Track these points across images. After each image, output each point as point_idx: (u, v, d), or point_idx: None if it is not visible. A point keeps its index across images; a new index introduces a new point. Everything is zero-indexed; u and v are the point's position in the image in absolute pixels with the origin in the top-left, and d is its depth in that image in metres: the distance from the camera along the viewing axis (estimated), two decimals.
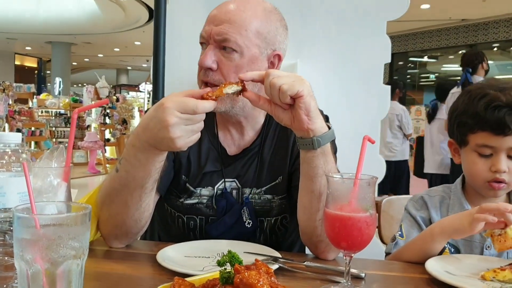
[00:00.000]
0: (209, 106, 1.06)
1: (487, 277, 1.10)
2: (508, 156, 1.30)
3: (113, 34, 17.83)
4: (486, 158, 1.32)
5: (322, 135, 1.15)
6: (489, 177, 1.31)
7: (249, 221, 1.38)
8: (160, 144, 1.08)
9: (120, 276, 1.08)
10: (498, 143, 1.29)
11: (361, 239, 0.98)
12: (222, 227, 1.37)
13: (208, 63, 1.28)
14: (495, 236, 1.19)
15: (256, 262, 0.88)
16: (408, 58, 17.94)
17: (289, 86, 1.08)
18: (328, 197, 1.02)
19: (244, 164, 1.42)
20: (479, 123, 1.31)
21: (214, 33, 1.29)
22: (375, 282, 1.12)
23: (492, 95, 1.30)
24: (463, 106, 1.37)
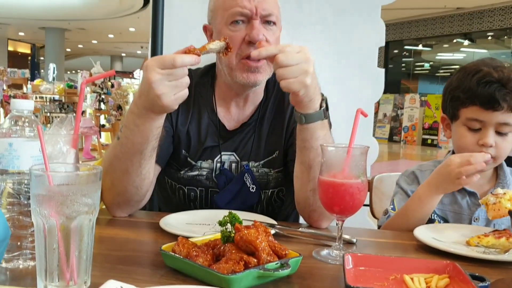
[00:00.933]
0: (189, 59, 1.08)
1: (472, 243, 1.17)
2: (496, 132, 1.36)
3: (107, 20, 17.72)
4: (475, 132, 1.38)
5: (308, 113, 1.21)
6: (476, 151, 1.37)
7: (252, 186, 1.44)
8: (152, 105, 1.12)
9: (125, 239, 1.14)
10: (487, 117, 1.35)
11: (353, 203, 1.04)
12: (228, 196, 1.44)
13: (261, 37, 1.32)
14: (490, 205, 1.25)
15: (255, 223, 0.94)
16: (403, 47, 17.97)
17: (287, 84, 1.12)
18: (323, 165, 1.08)
19: (242, 138, 1.48)
20: (470, 97, 1.37)
21: (260, 8, 1.34)
22: (365, 247, 1.19)
23: (485, 71, 1.36)
24: (457, 81, 1.43)
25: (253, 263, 0.84)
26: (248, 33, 1.33)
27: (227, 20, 1.35)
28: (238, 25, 1.35)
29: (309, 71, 1.13)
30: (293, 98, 1.19)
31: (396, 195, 1.53)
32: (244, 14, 1.34)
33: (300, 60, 1.12)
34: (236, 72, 1.36)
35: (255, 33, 1.32)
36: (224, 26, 1.36)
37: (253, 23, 1.34)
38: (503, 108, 1.33)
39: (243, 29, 1.35)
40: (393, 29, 16.59)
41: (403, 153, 13.64)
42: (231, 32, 1.35)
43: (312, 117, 1.21)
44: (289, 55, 1.11)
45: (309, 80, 1.13)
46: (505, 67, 1.38)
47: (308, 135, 1.23)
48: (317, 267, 1.00)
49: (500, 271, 1.01)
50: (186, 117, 1.47)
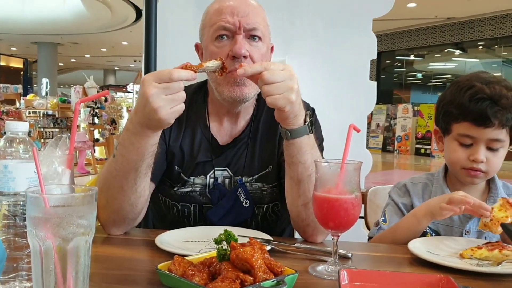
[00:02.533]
0: (185, 74, 1.10)
1: (465, 255, 1.18)
2: (487, 148, 1.38)
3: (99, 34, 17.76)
4: (466, 148, 1.40)
5: (293, 129, 1.23)
6: (466, 165, 1.39)
7: (246, 201, 1.45)
8: (148, 120, 1.13)
9: (121, 258, 1.14)
10: (478, 134, 1.37)
11: (347, 219, 1.05)
12: (221, 211, 1.44)
13: (244, 52, 1.34)
14: (488, 223, 1.26)
15: (250, 240, 0.95)
16: (395, 57, 18.13)
17: (273, 100, 1.15)
18: (317, 181, 1.09)
19: (235, 153, 1.49)
20: (462, 113, 1.39)
21: (243, 22, 1.36)
22: (361, 261, 1.19)
23: (477, 88, 1.38)
24: (450, 96, 1.45)
25: (249, 281, 0.85)
26: (231, 48, 1.35)
27: (212, 36, 1.38)
28: (223, 40, 1.37)
29: (294, 87, 1.15)
30: (278, 115, 1.21)
31: (387, 207, 1.54)
32: (227, 28, 1.36)
33: (285, 77, 1.15)
34: (223, 87, 1.38)
35: (238, 47, 1.33)
36: (210, 42, 1.39)
37: (236, 38, 1.36)
38: (495, 124, 1.34)
39: (227, 44, 1.37)
40: (384, 40, 16.74)
41: (397, 163, 13.69)
42: (215, 48, 1.37)
43: (297, 132, 1.23)
44: (274, 72, 1.14)
45: (294, 97, 1.15)
46: (497, 82, 1.39)
47: (294, 150, 1.25)
48: (313, 283, 1.00)
49: (493, 284, 1.02)
50: (178, 134, 1.48)
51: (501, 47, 15.35)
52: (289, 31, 2.52)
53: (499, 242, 1.21)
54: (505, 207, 1.24)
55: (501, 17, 14.22)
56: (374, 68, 16.58)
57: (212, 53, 1.37)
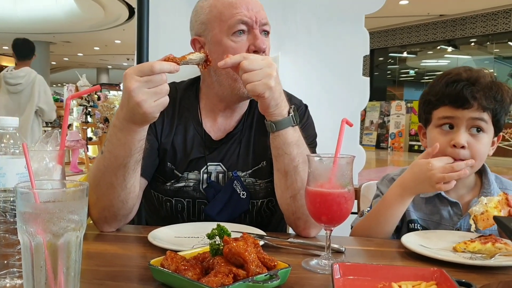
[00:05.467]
0: (167, 67, 1.10)
1: (459, 249, 1.18)
2: (469, 131, 1.37)
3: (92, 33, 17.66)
4: (447, 133, 1.39)
5: (277, 120, 1.24)
6: (448, 153, 1.36)
7: (243, 192, 1.45)
8: (133, 115, 1.12)
9: (113, 255, 1.14)
10: (458, 113, 1.36)
11: (340, 213, 1.05)
12: (218, 205, 1.44)
13: (264, 46, 1.37)
14: (478, 216, 1.26)
15: (243, 235, 0.94)
16: (388, 54, 18.15)
17: (252, 87, 1.17)
18: (309, 175, 1.09)
19: (228, 148, 1.48)
20: (440, 98, 1.39)
21: (259, 17, 1.38)
22: (354, 256, 1.20)
23: (454, 73, 1.40)
24: (429, 87, 1.46)
25: (242, 276, 0.84)
26: (252, 42, 1.36)
27: (228, 31, 1.37)
28: (240, 36, 1.37)
29: (272, 74, 1.18)
30: (261, 104, 1.23)
31: (375, 199, 1.54)
32: (246, 22, 1.36)
33: (263, 65, 1.18)
34: (241, 83, 1.36)
35: (260, 42, 1.36)
36: (224, 37, 1.37)
37: (255, 33, 1.37)
38: (473, 106, 1.34)
39: (245, 39, 1.37)
40: (377, 37, 16.77)
41: (391, 159, 13.72)
42: (233, 43, 1.37)
43: (282, 124, 1.24)
44: (252, 61, 1.18)
45: (273, 83, 1.17)
46: (476, 69, 1.40)
47: (280, 142, 1.26)
48: (306, 277, 1.00)
49: (487, 276, 1.02)
50: (170, 130, 1.47)
51: (493, 43, 15.42)
52: (282, 27, 2.51)
53: (492, 236, 1.21)
54: (502, 205, 1.24)
55: (492, 14, 14.28)
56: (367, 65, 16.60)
57: (230, 48, 1.36)
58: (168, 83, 1.48)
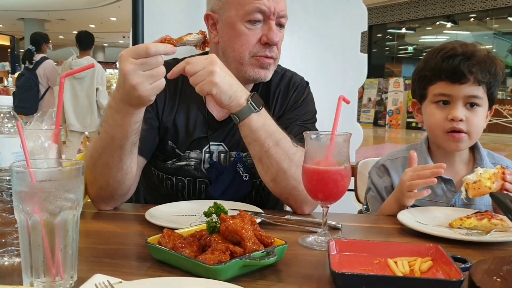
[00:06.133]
0: (163, 48, 1.09)
1: (455, 225, 1.19)
2: (465, 106, 1.38)
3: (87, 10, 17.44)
4: (444, 108, 1.39)
5: (238, 111, 1.24)
6: (447, 127, 1.38)
7: (245, 174, 1.46)
8: (129, 97, 1.11)
9: (111, 233, 1.14)
10: (454, 91, 1.37)
11: (337, 190, 1.05)
12: (221, 186, 1.44)
13: (277, 40, 1.38)
14: (470, 184, 1.27)
15: (240, 212, 0.95)
16: (386, 30, 18.00)
17: (199, 88, 1.18)
18: (306, 153, 1.08)
19: (231, 128, 1.48)
20: (436, 74, 1.39)
21: (278, 9, 1.36)
22: (351, 232, 1.20)
23: (449, 47, 1.39)
24: (423, 62, 1.46)
25: (239, 253, 0.85)
26: (265, 33, 1.36)
27: (244, 16, 1.35)
28: (255, 24, 1.36)
29: (214, 71, 1.17)
30: (215, 102, 1.23)
31: (368, 193, 1.54)
32: (264, 11, 1.35)
33: (205, 64, 1.18)
34: (247, 67, 1.38)
35: (274, 35, 1.36)
36: (238, 21, 1.36)
37: (270, 24, 1.36)
38: (469, 80, 1.35)
39: (259, 29, 1.37)
40: (376, 13, 16.61)
41: (388, 136, 13.75)
42: (246, 30, 1.36)
43: (243, 113, 1.24)
44: (194, 63, 1.18)
45: (217, 79, 1.17)
46: (470, 44, 1.41)
47: (247, 131, 1.26)
48: (303, 254, 1.01)
49: (482, 252, 1.03)
50: (172, 109, 1.46)
51: (492, 19, 15.30)
52: None
53: (488, 212, 1.22)
54: (497, 177, 1.24)
55: None
56: (365, 41, 16.48)
57: (243, 35, 1.35)
58: (170, 59, 1.48)
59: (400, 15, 16.54)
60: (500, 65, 1.40)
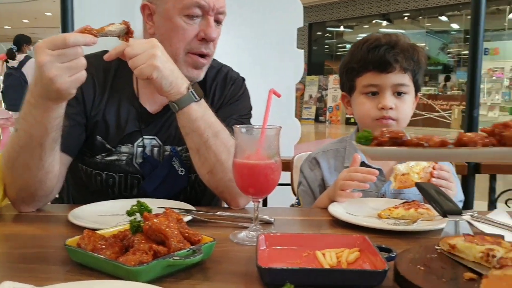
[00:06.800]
0: (82, 39, 1.03)
1: (383, 215, 1.21)
2: (394, 95, 1.42)
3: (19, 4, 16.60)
4: (373, 99, 1.43)
5: (178, 99, 1.22)
6: (377, 115, 1.41)
7: (181, 169, 1.41)
8: (47, 92, 1.05)
9: (31, 236, 1.07)
10: (382, 80, 1.40)
11: (267, 184, 1.04)
12: (156, 181, 1.39)
13: (215, 36, 1.34)
14: (399, 175, 1.30)
15: (166, 210, 0.91)
16: (325, 28, 18.37)
17: (139, 71, 1.15)
18: (237, 147, 1.06)
19: (165, 121, 1.43)
20: (364, 65, 1.42)
21: (217, 5, 1.32)
22: (283, 226, 1.20)
23: (373, 38, 1.43)
24: (349, 55, 1.48)
25: (163, 252, 0.81)
26: (203, 29, 1.32)
27: (182, 10, 1.31)
28: (193, 19, 1.32)
29: (156, 54, 1.15)
30: (154, 87, 1.20)
31: (300, 187, 1.55)
32: (202, 6, 1.31)
33: (146, 48, 1.16)
34: (181, 65, 1.33)
35: (211, 31, 1.32)
36: (176, 14, 1.32)
37: (209, 20, 1.33)
38: (396, 68, 1.39)
39: (197, 24, 1.33)
40: (315, 11, 16.90)
41: (329, 132, 14.06)
42: (184, 24, 1.32)
43: (183, 102, 1.22)
44: (134, 46, 1.15)
45: (158, 62, 1.15)
46: (393, 34, 1.45)
47: (185, 120, 1.24)
48: (233, 250, 0.99)
49: (409, 241, 1.05)
50: (101, 103, 1.40)
51: (425, 18, 15.98)
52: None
53: (415, 201, 1.25)
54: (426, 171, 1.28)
55: None
56: (305, 39, 16.75)
57: (180, 29, 1.31)
58: (101, 51, 1.41)
59: (339, 14, 16.93)
60: (422, 52, 1.45)
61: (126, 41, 1.16)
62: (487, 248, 0.83)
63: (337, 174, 1.46)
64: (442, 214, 1.01)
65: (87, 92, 1.36)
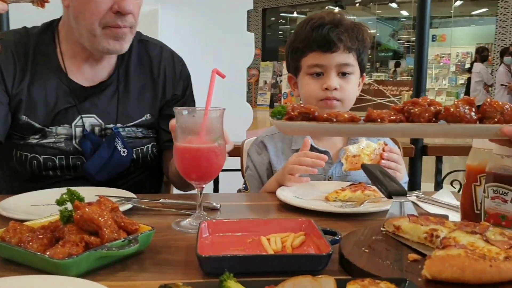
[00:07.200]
0: None
1: (330, 198, 1.20)
2: (338, 75, 1.40)
3: None
4: (318, 79, 1.41)
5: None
6: (321, 96, 1.39)
7: (124, 150, 1.35)
8: None
9: None
10: (327, 60, 1.38)
11: (211, 169, 1.00)
12: (99, 162, 1.33)
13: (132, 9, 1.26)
14: (350, 157, 1.29)
15: (99, 199, 0.85)
16: (279, 14, 18.34)
17: None
18: (177, 131, 1.01)
19: (103, 99, 1.36)
20: (308, 45, 1.40)
21: None
22: (230, 212, 1.16)
23: (316, 18, 1.40)
24: (294, 35, 1.46)
25: (95, 243, 0.76)
26: (117, 1, 1.24)
27: None
28: None
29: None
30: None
31: (247, 171, 1.52)
32: None
33: None
34: (101, 39, 1.26)
35: (126, 3, 1.24)
36: None
37: None
38: (340, 48, 1.37)
39: None
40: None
41: None
42: None
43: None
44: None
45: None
46: (337, 13, 1.44)
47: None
48: (175, 239, 0.94)
49: (355, 223, 1.04)
50: (23, 79, 1.31)
51: (376, 4, 16.24)
52: None
53: (362, 183, 1.24)
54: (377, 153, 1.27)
55: None
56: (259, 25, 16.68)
57: (91, 1, 1.23)
58: (17, 28, 1.32)
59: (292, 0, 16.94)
60: (367, 32, 1.43)
61: (41, 7, 1.06)
62: (431, 228, 0.83)
63: (284, 157, 1.44)
64: (387, 195, 1.00)
65: (6, 69, 1.28)
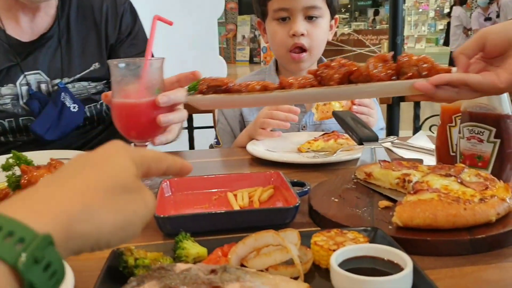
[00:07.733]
0: None
1: (303, 149, 1.15)
2: (306, 20, 1.32)
3: None
4: (285, 25, 1.33)
5: None
6: (289, 44, 1.32)
7: (74, 105, 1.27)
8: None
9: None
10: (292, 3, 1.30)
11: (151, 125, 0.90)
12: (47, 121, 1.25)
13: None
14: (320, 106, 1.24)
15: (50, 161, 0.79)
16: None
17: None
18: (113, 86, 0.91)
19: (45, 52, 1.27)
20: None
21: None
22: (198, 170, 1.08)
23: None
24: None
25: None
26: None
27: None
28: None
29: None
30: None
31: (218, 125, 1.47)
32: None
33: None
34: None
35: None
36: None
37: None
38: None
39: None
40: None
41: None
42: None
43: None
44: None
45: None
46: None
47: None
48: None
49: (327, 173, 1.01)
50: None
51: None
52: None
53: (335, 132, 1.20)
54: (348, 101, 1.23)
55: None
56: None
57: None
58: None
59: None
60: None
61: None
62: (403, 173, 0.79)
63: (256, 108, 1.39)
64: (358, 142, 0.96)
65: None
